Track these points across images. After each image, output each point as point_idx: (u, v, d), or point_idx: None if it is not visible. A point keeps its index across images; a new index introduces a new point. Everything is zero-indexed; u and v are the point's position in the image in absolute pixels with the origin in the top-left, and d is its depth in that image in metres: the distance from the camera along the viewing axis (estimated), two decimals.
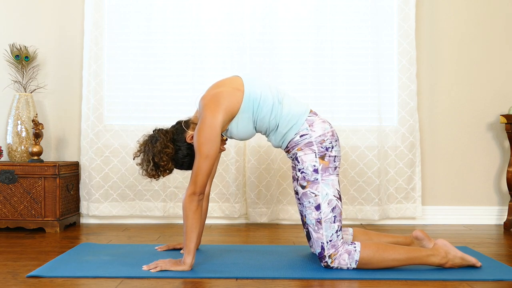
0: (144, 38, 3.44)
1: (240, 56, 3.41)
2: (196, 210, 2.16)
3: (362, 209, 3.42)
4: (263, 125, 2.30)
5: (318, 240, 2.20)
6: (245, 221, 3.51)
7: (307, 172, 2.22)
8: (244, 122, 2.27)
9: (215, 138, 2.18)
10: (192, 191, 2.15)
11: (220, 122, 2.20)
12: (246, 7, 3.41)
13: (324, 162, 2.23)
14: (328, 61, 3.43)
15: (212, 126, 2.17)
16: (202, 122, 2.20)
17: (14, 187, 3.13)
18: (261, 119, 2.28)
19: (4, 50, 3.44)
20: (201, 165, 2.16)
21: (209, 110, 2.20)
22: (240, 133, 2.32)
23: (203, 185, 2.17)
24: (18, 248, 2.65)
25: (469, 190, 3.54)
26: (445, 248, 2.21)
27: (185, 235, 2.16)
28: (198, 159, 2.17)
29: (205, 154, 2.16)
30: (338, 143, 2.31)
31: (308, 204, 2.22)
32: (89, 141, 3.40)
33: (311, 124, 2.27)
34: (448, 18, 3.53)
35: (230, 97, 2.23)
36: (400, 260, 2.17)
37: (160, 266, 2.16)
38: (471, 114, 3.54)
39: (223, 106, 2.21)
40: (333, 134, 2.29)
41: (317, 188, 2.21)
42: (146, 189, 3.42)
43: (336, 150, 2.28)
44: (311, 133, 2.25)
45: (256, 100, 2.25)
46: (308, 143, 2.24)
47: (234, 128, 2.29)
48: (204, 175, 2.16)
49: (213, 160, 2.19)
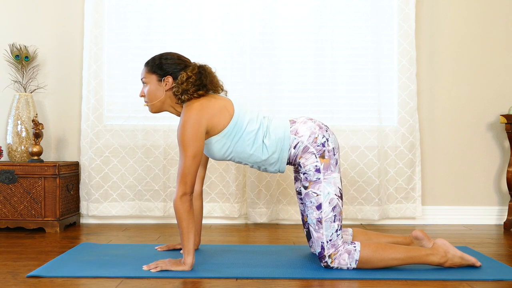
0: (144, 38, 3.43)
1: (240, 56, 3.41)
2: (189, 210, 2.15)
3: (362, 209, 3.42)
4: (242, 156, 2.28)
5: (318, 240, 2.20)
6: (245, 221, 3.51)
7: (309, 173, 2.22)
8: (219, 146, 2.26)
9: (201, 136, 2.17)
10: (183, 192, 2.14)
11: (205, 125, 2.18)
12: (246, 7, 3.41)
13: (325, 160, 2.22)
14: (328, 61, 3.43)
15: (198, 124, 2.16)
16: (187, 118, 2.17)
17: (14, 187, 3.13)
18: (239, 152, 2.27)
19: (4, 50, 3.44)
20: (189, 165, 2.14)
21: (196, 110, 2.19)
22: (209, 152, 2.31)
23: (193, 185, 2.16)
24: (18, 248, 2.65)
25: (469, 190, 3.54)
26: (444, 247, 2.21)
27: (182, 236, 2.15)
28: (185, 159, 2.15)
29: (193, 154, 2.15)
30: (330, 131, 2.30)
31: (310, 204, 2.22)
32: (89, 141, 3.40)
33: (295, 132, 2.26)
34: (448, 18, 3.53)
35: (220, 113, 2.22)
36: (400, 259, 2.17)
37: (161, 266, 2.15)
38: (471, 114, 3.54)
39: (211, 115, 2.20)
40: (320, 127, 2.28)
41: (319, 187, 2.21)
42: (146, 189, 3.42)
43: (332, 141, 2.27)
44: (301, 138, 2.25)
45: (239, 132, 2.24)
46: (304, 148, 2.24)
47: (207, 145, 2.27)
48: (193, 174, 2.16)
49: (200, 158, 2.18)
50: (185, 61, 2.34)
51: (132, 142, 3.42)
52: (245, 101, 3.37)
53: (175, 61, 2.30)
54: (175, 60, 2.31)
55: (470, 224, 3.49)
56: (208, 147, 2.29)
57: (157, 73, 2.30)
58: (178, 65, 2.29)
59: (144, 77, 2.34)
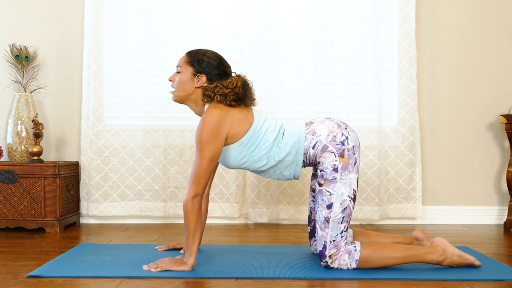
0: (144, 38, 3.44)
1: (240, 56, 3.41)
2: (199, 212, 2.15)
3: (362, 209, 3.42)
4: (257, 165, 2.27)
5: (322, 238, 2.20)
6: (245, 221, 3.51)
7: (326, 171, 2.21)
8: (235, 154, 2.25)
9: (221, 140, 2.15)
10: (195, 193, 2.13)
11: (226, 130, 2.17)
12: (246, 7, 3.41)
13: (344, 160, 2.21)
14: (328, 61, 3.43)
15: (219, 126, 2.14)
16: (210, 119, 2.14)
17: (14, 187, 3.13)
18: (254, 161, 2.25)
19: (4, 50, 3.44)
20: (206, 167, 2.13)
21: (220, 112, 2.17)
22: (225, 160, 2.29)
23: (205, 187, 2.16)
24: (18, 248, 2.65)
25: (469, 190, 3.54)
26: (442, 245, 2.21)
27: (188, 236, 2.14)
28: (201, 161, 2.13)
29: (210, 156, 2.14)
30: (350, 128, 2.28)
31: (321, 201, 2.21)
32: (89, 141, 3.40)
33: (313, 132, 2.25)
34: (448, 18, 3.53)
35: (241, 122, 2.22)
36: (399, 258, 2.17)
37: (161, 267, 2.15)
38: (471, 114, 3.54)
39: (233, 122, 2.19)
40: (339, 125, 2.26)
41: (334, 187, 2.20)
42: (146, 189, 3.42)
43: (352, 138, 2.24)
44: (319, 138, 2.23)
45: (256, 141, 2.23)
46: (323, 148, 2.22)
47: (224, 153, 2.26)
48: (208, 177, 2.15)
49: (217, 162, 2.18)
50: (226, 67, 2.32)
51: (132, 142, 3.42)
52: None
53: (216, 64, 2.28)
54: (216, 62, 2.29)
55: (470, 224, 3.49)
56: (224, 154, 2.27)
57: (195, 67, 2.28)
58: (217, 69, 2.28)
59: (180, 65, 2.32)
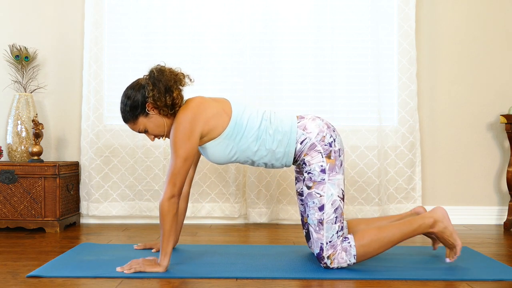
0: (144, 38, 3.43)
1: (240, 56, 3.41)
2: (175, 213, 2.13)
3: (362, 209, 3.42)
4: (247, 154, 2.26)
5: (318, 241, 2.20)
6: (245, 221, 3.51)
7: (314, 173, 2.21)
8: (222, 147, 2.24)
9: (194, 139, 2.15)
10: (171, 194, 2.11)
11: (200, 128, 2.16)
12: (246, 7, 3.41)
13: (331, 161, 2.21)
14: (328, 61, 3.43)
15: (191, 125, 2.14)
16: (181, 120, 2.15)
17: (14, 187, 3.13)
18: (244, 150, 2.25)
19: (4, 50, 3.44)
20: (180, 166, 2.12)
21: (190, 112, 2.16)
22: (214, 156, 2.28)
23: (182, 187, 2.14)
24: (18, 248, 2.65)
25: (469, 190, 3.54)
26: (440, 213, 2.20)
27: (163, 237, 2.12)
28: (176, 160, 2.12)
29: (184, 155, 2.12)
30: (337, 132, 2.30)
31: (312, 204, 2.21)
32: (89, 141, 3.40)
33: (304, 127, 2.25)
34: (448, 18, 3.53)
35: (217, 117, 2.20)
36: (396, 239, 2.18)
37: (134, 268, 2.12)
38: (471, 114, 3.54)
39: (206, 118, 2.18)
40: (328, 126, 2.28)
41: (323, 188, 2.20)
42: (146, 189, 3.42)
43: (338, 142, 2.26)
44: (309, 135, 2.24)
45: (240, 131, 2.22)
46: (311, 145, 2.23)
47: (210, 149, 2.25)
48: (183, 176, 2.14)
49: (191, 161, 2.16)
50: (138, 84, 2.24)
51: (132, 142, 3.42)
52: (245, 100, 3.37)
53: (135, 93, 2.22)
54: (133, 92, 2.23)
55: (470, 224, 3.49)
56: (210, 151, 2.26)
57: (139, 114, 2.23)
58: (139, 92, 2.22)
59: (137, 128, 2.28)
